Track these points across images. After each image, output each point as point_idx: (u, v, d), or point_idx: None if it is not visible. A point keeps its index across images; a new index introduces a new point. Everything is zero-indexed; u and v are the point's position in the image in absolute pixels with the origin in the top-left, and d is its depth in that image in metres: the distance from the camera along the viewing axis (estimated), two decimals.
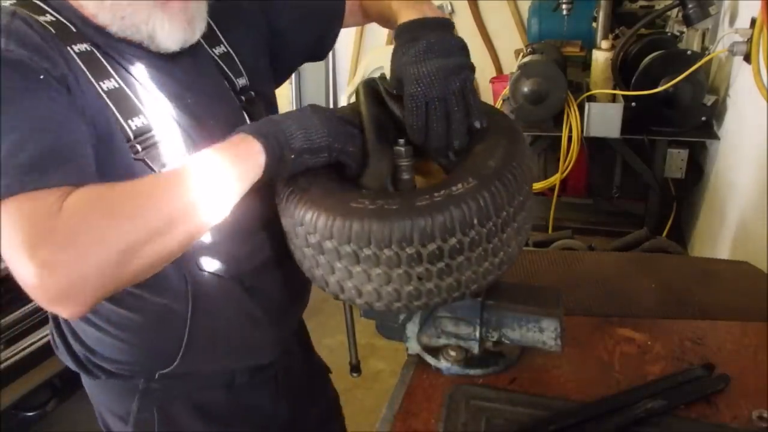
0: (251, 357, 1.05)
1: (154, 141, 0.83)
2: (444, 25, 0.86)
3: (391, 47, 0.86)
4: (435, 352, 0.95)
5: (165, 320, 0.91)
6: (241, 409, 1.07)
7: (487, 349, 0.95)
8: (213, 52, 0.96)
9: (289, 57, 1.12)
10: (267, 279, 1.00)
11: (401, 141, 0.84)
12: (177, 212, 0.68)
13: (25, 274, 0.61)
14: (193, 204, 0.69)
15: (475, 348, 0.92)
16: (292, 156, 0.76)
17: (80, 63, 0.78)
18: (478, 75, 0.88)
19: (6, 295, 1.87)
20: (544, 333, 0.90)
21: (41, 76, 0.72)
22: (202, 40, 0.92)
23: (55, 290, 0.61)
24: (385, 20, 1.01)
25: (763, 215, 1.72)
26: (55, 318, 1.01)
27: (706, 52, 2.40)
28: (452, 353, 0.93)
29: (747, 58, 1.91)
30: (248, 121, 0.96)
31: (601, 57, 2.43)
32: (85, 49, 0.79)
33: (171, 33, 0.84)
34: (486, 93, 3.39)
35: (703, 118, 2.37)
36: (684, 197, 2.70)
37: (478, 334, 0.91)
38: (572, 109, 2.44)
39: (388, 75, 0.88)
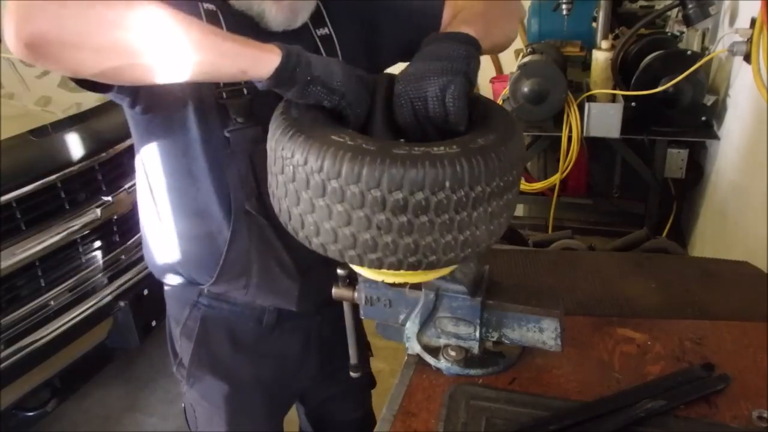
0: (277, 299, 1.14)
1: (246, 99, 0.96)
2: (458, 39, 0.86)
3: None
4: (435, 352, 0.95)
5: (211, 240, 1.08)
6: (270, 349, 1.20)
7: (487, 349, 0.95)
8: (316, 32, 1.04)
9: (386, 56, 1.16)
10: None
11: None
12: (153, 28, 0.71)
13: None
14: (175, 34, 0.72)
15: (475, 348, 0.93)
16: (308, 78, 0.78)
17: (204, 17, 0.93)
18: (478, 74, 0.88)
19: (6, 295, 1.87)
20: (544, 333, 0.90)
21: None
22: (308, 20, 1.02)
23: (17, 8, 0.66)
24: None
25: (763, 215, 1.72)
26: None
27: (706, 52, 2.40)
28: (452, 353, 0.93)
29: (747, 58, 1.91)
30: None
31: (601, 57, 2.43)
32: (211, 8, 0.95)
33: (276, 18, 0.97)
34: (486, 93, 3.38)
35: (703, 118, 2.37)
36: (684, 197, 2.70)
37: (478, 334, 0.91)
38: (572, 109, 2.44)
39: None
